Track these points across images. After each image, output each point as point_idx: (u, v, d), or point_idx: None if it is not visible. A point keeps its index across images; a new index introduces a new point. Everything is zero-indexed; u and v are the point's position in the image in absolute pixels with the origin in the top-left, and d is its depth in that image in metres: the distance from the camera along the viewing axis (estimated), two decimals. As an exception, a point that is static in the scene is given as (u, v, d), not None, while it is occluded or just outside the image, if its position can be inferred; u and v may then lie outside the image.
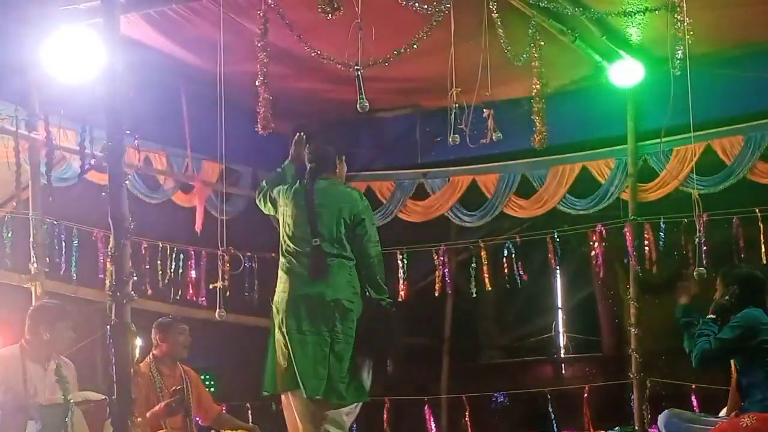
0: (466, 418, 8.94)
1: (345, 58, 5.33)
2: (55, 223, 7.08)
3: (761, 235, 7.59)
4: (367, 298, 5.45)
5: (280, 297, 5.42)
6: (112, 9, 4.53)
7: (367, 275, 5.45)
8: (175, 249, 8.02)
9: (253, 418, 8.39)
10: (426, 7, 5.45)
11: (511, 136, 6.65)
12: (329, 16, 5.10)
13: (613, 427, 8.15)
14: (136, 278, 4.34)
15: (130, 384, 4.16)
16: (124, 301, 4.21)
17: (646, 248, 7.97)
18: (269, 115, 5.47)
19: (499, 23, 5.92)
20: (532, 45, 6.38)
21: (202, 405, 6.47)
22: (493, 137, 6.29)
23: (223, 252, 7.28)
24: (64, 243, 7.20)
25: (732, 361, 5.03)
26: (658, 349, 9.27)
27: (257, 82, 5.45)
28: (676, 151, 7.82)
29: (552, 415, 9.17)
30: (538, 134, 6.51)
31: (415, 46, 5.54)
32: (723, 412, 5.39)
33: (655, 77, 7.38)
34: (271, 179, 5.75)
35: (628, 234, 7.98)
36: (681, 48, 5.76)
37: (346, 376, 5.30)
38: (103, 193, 4.32)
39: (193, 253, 8.13)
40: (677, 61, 5.81)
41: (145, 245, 7.71)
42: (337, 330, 5.29)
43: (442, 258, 8.68)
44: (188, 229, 8.01)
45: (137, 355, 5.03)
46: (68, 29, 6.14)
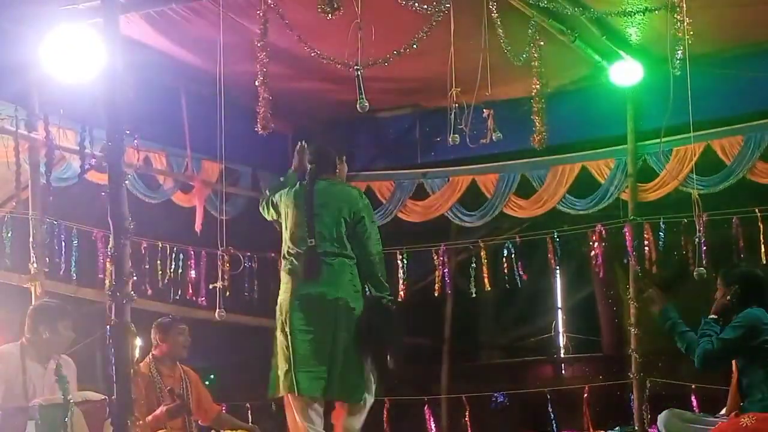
0: (466, 418, 8.93)
1: (345, 58, 5.33)
2: (55, 223, 7.07)
3: (761, 235, 7.59)
4: (368, 296, 5.45)
5: (283, 298, 5.42)
6: (112, 9, 4.53)
7: (368, 273, 5.45)
8: (175, 249, 8.02)
9: (253, 418, 8.39)
10: (426, 7, 5.45)
11: (511, 136, 6.65)
12: (329, 16, 5.10)
13: (613, 427, 8.15)
14: (135, 278, 4.34)
15: (130, 384, 4.16)
16: (124, 301, 4.21)
17: (646, 248, 7.97)
18: (269, 115, 5.46)
19: (499, 23, 5.92)
20: (532, 45, 6.37)
21: (201, 405, 6.46)
22: (493, 137, 6.28)
23: (223, 252, 7.27)
24: (63, 243, 7.20)
25: (733, 361, 5.03)
26: (658, 349, 9.27)
27: (257, 82, 5.44)
28: (675, 151, 7.82)
29: (552, 415, 9.17)
30: (538, 134, 6.51)
31: (415, 46, 5.53)
32: (723, 412, 5.39)
33: (655, 77, 7.37)
34: (273, 187, 5.76)
35: (627, 234, 7.97)
36: (681, 48, 5.75)
37: (351, 375, 5.30)
38: (103, 193, 4.32)
39: (193, 253, 8.12)
40: (677, 61, 5.81)
41: (145, 245, 7.71)
42: (340, 329, 5.29)
43: (442, 258, 8.67)
44: (188, 229, 8.01)
45: (137, 355, 5.03)
46: (68, 29, 6.14)
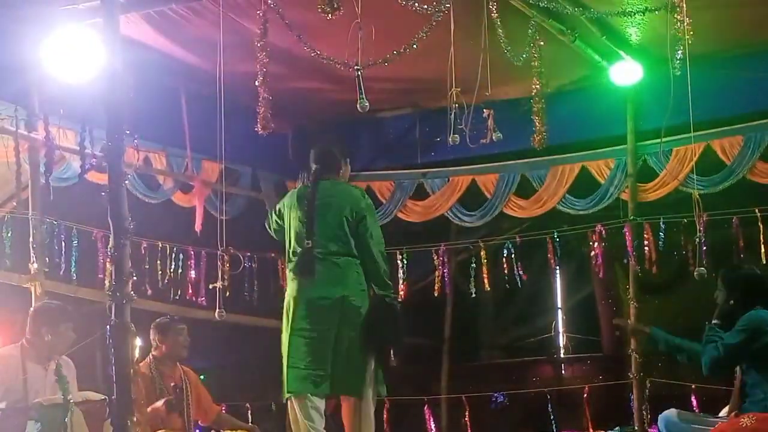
0: (466, 418, 8.93)
1: (345, 58, 5.33)
2: (55, 223, 7.07)
3: (761, 235, 7.59)
4: (373, 296, 5.45)
5: (288, 299, 5.43)
6: (112, 9, 4.52)
7: (371, 272, 5.45)
8: (175, 249, 8.01)
9: (253, 418, 8.39)
10: (426, 7, 5.44)
11: (511, 136, 6.63)
12: (329, 16, 5.09)
13: (613, 427, 8.15)
14: (135, 278, 4.33)
15: (130, 384, 4.16)
16: (124, 301, 4.20)
17: (646, 248, 7.97)
18: (269, 115, 5.45)
19: (499, 23, 5.91)
20: (532, 45, 6.37)
21: (201, 406, 6.47)
22: (493, 137, 6.28)
23: (223, 252, 7.26)
24: (63, 243, 7.18)
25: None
26: (658, 349, 9.26)
27: (257, 82, 5.43)
28: (675, 151, 7.81)
29: (552, 415, 9.17)
30: (538, 134, 6.50)
31: (415, 46, 5.53)
32: (723, 411, 5.39)
33: (655, 77, 7.37)
34: (274, 205, 5.81)
35: (627, 234, 7.97)
36: (681, 48, 5.75)
37: (354, 371, 5.31)
38: (103, 193, 4.31)
39: (193, 253, 8.12)
40: (677, 61, 5.81)
41: (145, 245, 7.70)
42: (344, 327, 5.30)
43: (442, 258, 8.67)
44: (188, 229, 8.00)
45: (137, 355, 5.04)
46: (68, 29, 6.14)
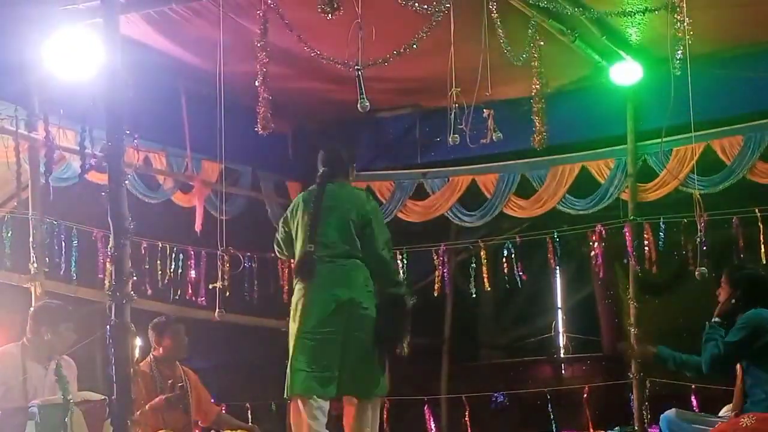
0: (466, 418, 8.93)
1: (345, 58, 5.33)
2: (55, 223, 7.07)
3: (761, 235, 7.59)
4: (386, 297, 5.45)
5: (296, 301, 5.43)
6: (112, 9, 4.52)
7: (380, 273, 5.46)
8: (175, 249, 8.01)
9: (253, 418, 8.40)
10: (426, 7, 5.45)
11: (511, 136, 6.64)
12: (329, 16, 5.10)
13: (613, 427, 8.15)
14: (135, 278, 4.33)
15: (130, 384, 4.16)
16: (124, 301, 4.20)
17: (646, 248, 7.97)
18: (269, 115, 5.46)
19: (499, 23, 5.92)
20: (532, 45, 6.37)
21: (201, 406, 6.47)
22: (493, 137, 6.28)
23: (223, 252, 7.27)
24: (64, 243, 7.18)
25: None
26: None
27: (257, 82, 5.44)
28: (675, 151, 7.82)
29: (552, 415, 9.17)
30: (538, 134, 6.50)
31: (415, 46, 5.53)
32: (723, 411, 5.39)
33: (655, 77, 7.37)
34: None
35: (627, 234, 7.97)
36: (681, 48, 5.75)
37: (363, 373, 5.31)
38: (103, 193, 4.31)
39: (193, 253, 8.11)
40: (677, 61, 5.81)
41: (145, 245, 7.70)
42: (352, 329, 5.30)
43: (442, 258, 8.67)
44: (188, 229, 8.00)
45: (137, 355, 5.04)
46: (68, 29, 6.14)
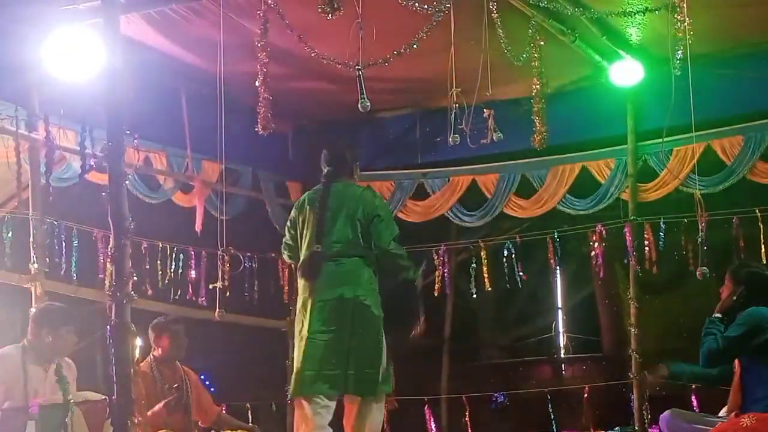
0: (466, 418, 8.93)
1: (345, 58, 5.33)
2: (55, 223, 7.07)
3: (761, 235, 7.59)
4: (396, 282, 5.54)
5: (300, 302, 5.42)
6: (112, 9, 4.52)
7: (390, 267, 5.49)
8: (175, 249, 8.01)
9: (253, 418, 8.40)
10: (426, 7, 5.45)
11: (511, 136, 6.63)
12: (329, 16, 5.10)
13: (613, 427, 8.15)
14: (136, 278, 4.33)
15: (130, 384, 4.15)
16: (124, 301, 4.20)
17: (646, 248, 7.97)
18: (269, 115, 5.46)
19: (499, 23, 5.91)
20: (532, 45, 6.37)
21: (201, 406, 6.47)
22: (494, 137, 6.28)
23: (223, 252, 7.27)
24: (64, 243, 7.18)
25: (736, 360, 5.03)
26: (658, 349, 9.26)
27: (257, 82, 5.44)
28: (675, 151, 7.82)
29: (552, 415, 9.17)
30: (538, 134, 6.50)
31: (415, 46, 5.53)
32: (723, 411, 5.39)
33: (655, 77, 7.37)
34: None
35: (628, 234, 7.97)
36: (681, 48, 5.75)
37: (367, 372, 5.31)
38: (103, 193, 4.32)
39: (193, 253, 8.11)
40: (677, 61, 5.81)
41: (145, 245, 7.70)
42: (357, 327, 5.30)
43: (442, 258, 8.67)
44: (188, 229, 8.00)
45: (137, 355, 5.04)
46: (68, 29, 6.14)
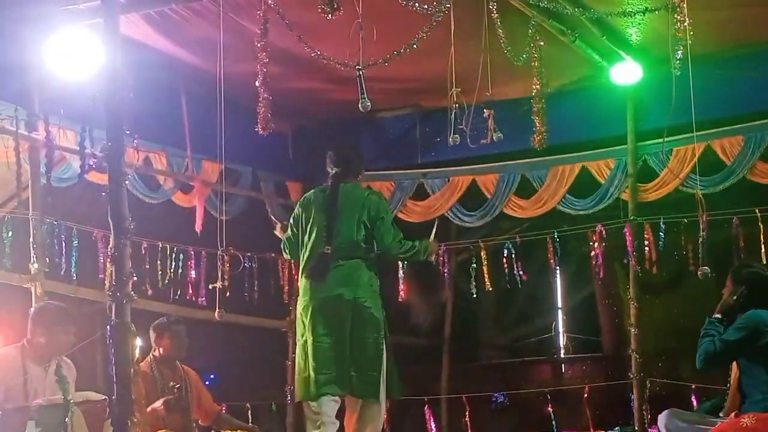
0: (466, 418, 8.93)
1: (345, 58, 5.33)
2: (55, 223, 7.07)
3: (761, 235, 7.59)
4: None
5: (302, 304, 5.42)
6: (112, 9, 4.53)
7: (400, 258, 5.74)
8: (175, 249, 8.01)
9: (253, 418, 8.40)
10: (426, 7, 5.45)
11: (511, 136, 6.64)
12: (329, 16, 5.10)
13: (613, 427, 8.15)
14: (135, 278, 4.33)
15: (130, 384, 4.16)
16: (124, 301, 4.21)
17: (646, 248, 7.97)
18: (269, 115, 5.46)
19: (499, 23, 5.91)
20: (532, 45, 6.37)
21: (202, 405, 6.47)
22: (494, 137, 6.28)
23: (223, 252, 7.27)
24: (64, 243, 7.18)
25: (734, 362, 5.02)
26: (658, 349, 9.26)
27: (257, 82, 5.44)
28: (675, 151, 7.82)
29: (552, 415, 9.17)
30: (538, 134, 6.50)
31: (415, 46, 5.53)
32: (723, 411, 5.38)
33: (655, 77, 7.38)
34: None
35: (628, 234, 7.97)
36: (681, 48, 5.75)
37: (369, 373, 5.31)
38: (103, 193, 4.32)
39: (193, 253, 8.11)
40: (677, 61, 5.80)
41: (145, 245, 7.70)
42: (357, 328, 5.30)
43: (442, 258, 8.67)
44: (188, 229, 8.00)
45: (137, 355, 5.03)
46: (68, 29, 6.14)
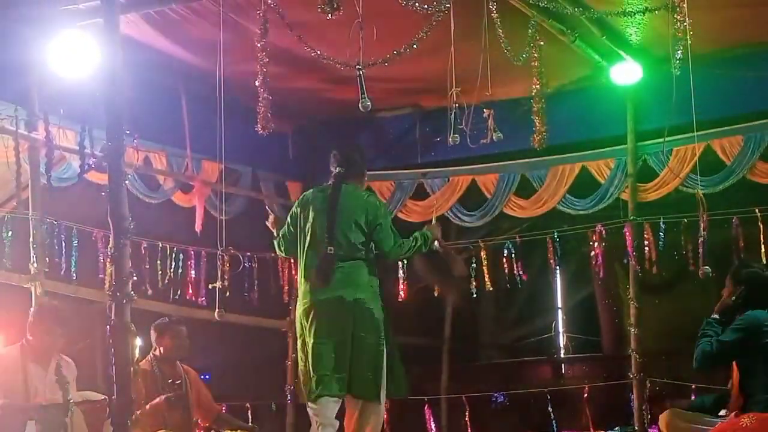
0: (466, 418, 8.94)
1: (345, 58, 5.33)
2: (55, 223, 7.07)
3: (761, 235, 7.59)
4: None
5: (301, 305, 5.41)
6: (112, 9, 4.53)
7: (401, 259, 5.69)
8: (175, 249, 8.01)
9: (253, 418, 8.40)
10: (426, 7, 5.45)
11: (511, 136, 6.64)
12: (329, 15, 5.10)
13: (613, 427, 8.15)
14: (135, 278, 4.34)
15: (130, 384, 4.16)
16: (124, 301, 4.21)
17: (646, 248, 7.97)
18: (269, 115, 5.46)
19: (499, 23, 5.91)
20: (532, 45, 6.37)
21: (201, 405, 6.48)
22: (493, 137, 6.28)
23: (223, 252, 7.27)
24: (64, 243, 7.19)
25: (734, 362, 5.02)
26: (658, 349, 9.27)
27: (257, 82, 5.44)
28: (675, 151, 7.81)
29: (552, 415, 9.17)
30: (538, 134, 6.50)
31: (415, 46, 5.53)
32: (722, 411, 5.38)
33: (655, 77, 7.37)
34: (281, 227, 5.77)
35: (627, 234, 7.97)
36: (681, 48, 5.75)
37: (370, 374, 5.31)
38: (103, 193, 4.32)
39: (193, 253, 8.11)
40: (677, 61, 5.80)
41: (145, 245, 7.70)
42: (359, 330, 5.29)
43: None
44: (188, 229, 8.01)
45: (137, 355, 5.04)
46: (68, 29, 6.14)
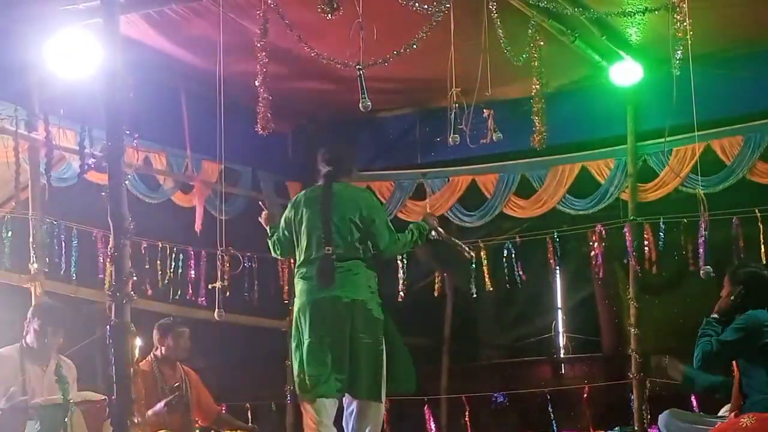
0: (466, 418, 8.94)
1: (345, 58, 5.33)
2: (55, 223, 7.07)
3: (761, 235, 7.59)
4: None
5: (299, 306, 5.40)
6: (112, 9, 4.53)
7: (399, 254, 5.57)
8: (175, 249, 8.01)
9: (253, 418, 8.40)
10: (426, 7, 5.45)
11: (511, 136, 6.63)
12: (329, 15, 5.10)
13: (613, 427, 8.15)
14: (135, 278, 4.34)
15: (130, 384, 4.16)
16: (124, 301, 4.21)
17: (646, 248, 7.97)
18: (269, 115, 5.46)
19: (499, 23, 5.92)
20: (532, 45, 6.37)
21: (201, 405, 6.48)
22: (493, 137, 6.28)
23: (223, 252, 7.27)
24: (64, 243, 7.19)
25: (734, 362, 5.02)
26: (658, 349, 9.25)
27: (257, 82, 5.44)
28: (675, 151, 7.82)
29: (552, 415, 9.17)
30: (538, 134, 6.50)
31: (415, 46, 5.53)
32: (722, 411, 5.38)
33: (655, 77, 7.37)
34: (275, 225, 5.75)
35: (627, 234, 7.97)
36: (681, 48, 5.75)
37: (370, 375, 5.31)
38: (103, 193, 4.32)
39: (193, 253, 8.11)
40: (677, 61, 5.80)
41: (145, 245, 7.70)
42: (357, 330, 5.29)
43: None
44: (188, 229, 8.01)
45: (137, 355, 5.04)
46: (68, 29, 6.14)
